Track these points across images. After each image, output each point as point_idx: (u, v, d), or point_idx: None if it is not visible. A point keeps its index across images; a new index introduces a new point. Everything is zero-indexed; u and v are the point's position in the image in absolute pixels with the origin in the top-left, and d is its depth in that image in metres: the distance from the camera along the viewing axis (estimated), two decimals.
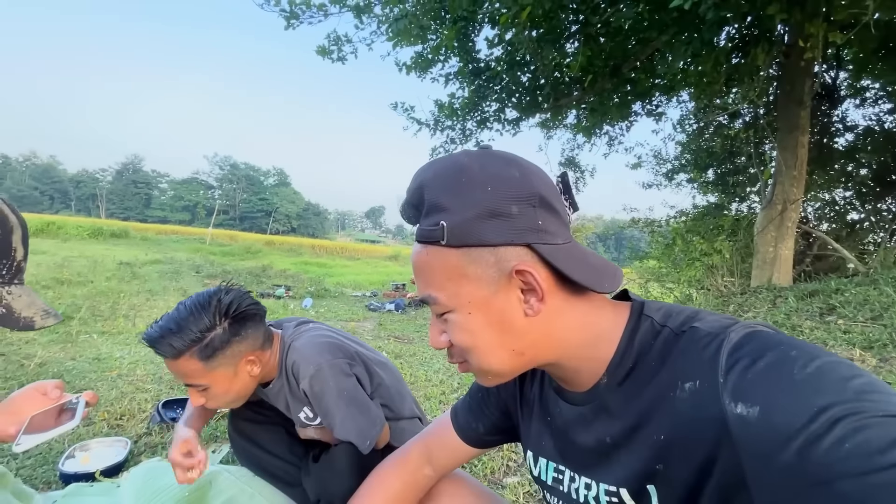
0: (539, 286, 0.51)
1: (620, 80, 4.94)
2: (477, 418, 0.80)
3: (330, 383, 1.19)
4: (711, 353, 0.47)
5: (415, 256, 0.56)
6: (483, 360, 0.56)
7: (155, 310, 4.72)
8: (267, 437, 1.53)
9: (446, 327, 0.57)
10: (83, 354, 2.92)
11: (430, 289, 0.55)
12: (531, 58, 4.47)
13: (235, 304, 1.10)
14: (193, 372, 1.06)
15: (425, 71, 5.54)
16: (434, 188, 0.53)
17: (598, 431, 0.58)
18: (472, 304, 0.53)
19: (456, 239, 0.51)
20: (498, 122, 5.93)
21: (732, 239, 6.75)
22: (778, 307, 4.15)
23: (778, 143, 5.36)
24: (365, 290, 8.43)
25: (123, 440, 1.77)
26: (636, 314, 0.57)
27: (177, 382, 2.57)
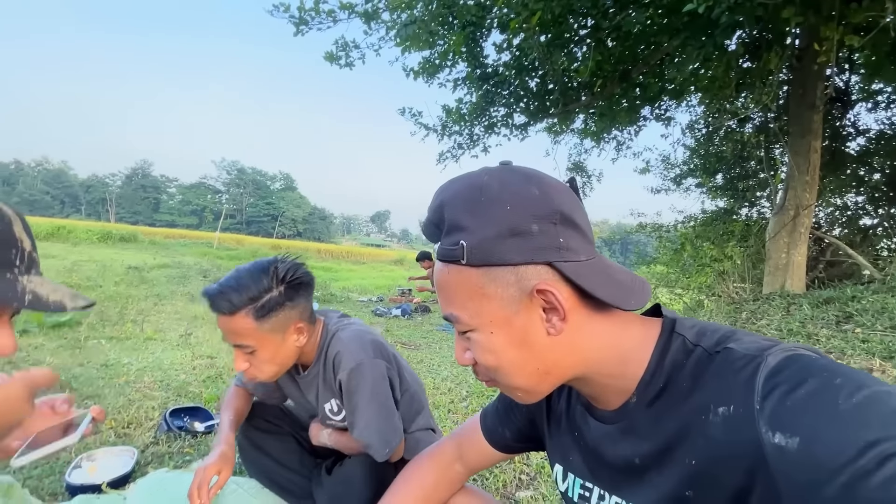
0: (560, 305, 0.50)
1: (630, 84, 4.90)
2: (504, 424, 0.80)
3: (367, 382, 1.20)
4: (747, 376, 0.45)
5: (437, 275, 0.56)
6: (509, 379, 0.55)
7: (163, 314, 4.72)
8: (278, 447, 1.51)
9: (470, 345, 0.56)
10: (91, 360, 2.91)
11: (453, 307, 0.54)
12: (540, 63, 4.45)
13: (291, 272, 1.14)
14: (245, 331, 1.08)
15: (433, 76, 5.54)
16: (454, 207, 0.52)
17: (627, 451, 0.56)
18: (494, 323, 0.52)
19: (476, 258, 0.50)
20: (506, 126, 5.91)
21: (743, 245, 6.66)
22: (792, 315, 4.07)
23: (790, 147, 5.29)
24: (371, 295, 8.41)
25: (131, 450, 1.74)
26: (667, 332, 0.55)
27: (184, 389, 2.55)
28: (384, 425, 1.21)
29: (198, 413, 2.18)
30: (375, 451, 1.19)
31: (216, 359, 3.22)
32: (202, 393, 2.51)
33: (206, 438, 1.99)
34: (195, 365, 3.03)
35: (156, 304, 5.24)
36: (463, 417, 2.45)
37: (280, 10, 4.64)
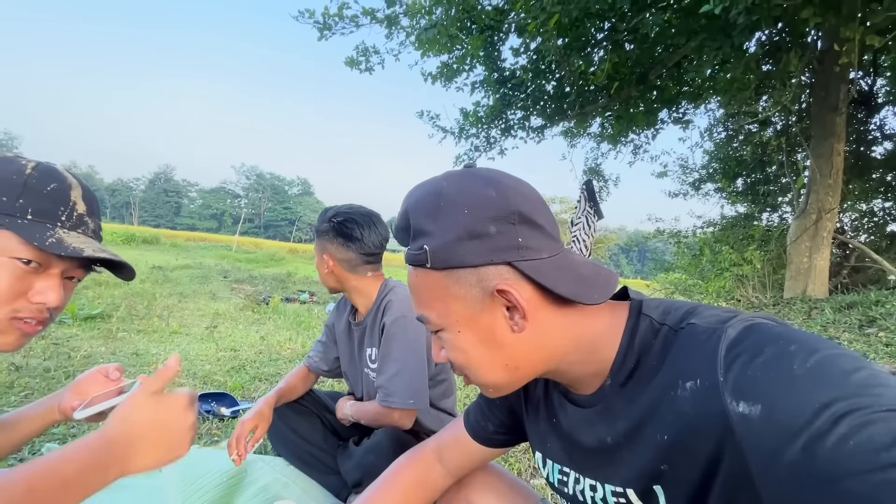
0: (520, 304, 0.51)
1: (647, 87, 4.90)
2: (486, 417, 0.81)
3: (408, 334, 1.27)
4: (710, 349, 0.46)
5: (408, 278, 0.60)
6: (479, 375, 0.58)
7: (186, 311, 4.88)
8: (304, 426, 1.60)
9: (443, 344, 0.59)
10: (122, 350, 3.05)
11: (422, 308, 0.58)
12: (557, 66, 4.49)
13: (346, 223, 1.36)
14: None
15: (451, 80, 5.62)
16: (417, 213, 0.55)
17: (600, 432, 0.58)
18: (461, 322, 0.55)
19: (439, 262, 0.52)
20: (522, 129, 5.95)
21: (764, 249, 6.55)
22: (814, 319, 4.01)
23: (812, 150, 5.22)
24: None
25: None
26: (635, 314, 0.57)
27: (209, 378, 2.65)
28: (412, 379, 1.27)
29: (224, 399, 2.27)
30: (397, 398, 1.25)
31: (239, 351, 3.32)
32: (227, 382, 2.61)
33: (232, 422, 2.07)
34: (219, 357, 3.13)
35: (179, 301, 5.41)
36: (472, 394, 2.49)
37: (305, 16, 4.79)
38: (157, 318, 4.18)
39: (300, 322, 4.79)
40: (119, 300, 4.68)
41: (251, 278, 9.04)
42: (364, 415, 1.40)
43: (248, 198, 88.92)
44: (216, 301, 5.74)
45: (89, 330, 3.45)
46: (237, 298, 6.10)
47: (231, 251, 19.08)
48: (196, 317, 4.63)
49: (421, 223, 0.54)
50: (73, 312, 3.69)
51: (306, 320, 4.90)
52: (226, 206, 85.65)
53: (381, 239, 1.40)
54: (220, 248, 20.93)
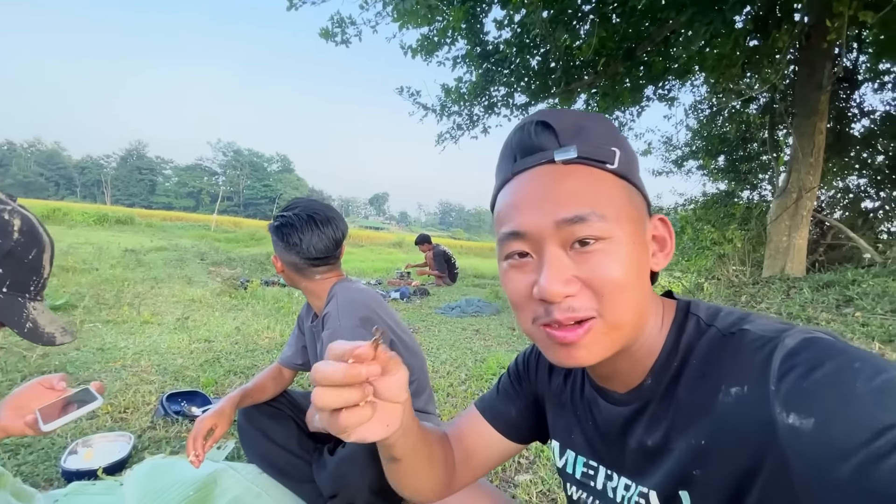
0: (671, 238, 0.54)
1: (634, 63, 4.77)
2: (509, 402, 0.76)
3: None
4: (763, 357, 0.44)
5: (566, 176, 0.48)
6: (624, 301, 0.48)
7: (160, 298, 4.69)
8: (277, 430, 1.51)
9: (585, 262, 0.47)
10: (87, 344, 2.89)
11: (595, 206, 0.47)
12: (542, 40, 4.31)
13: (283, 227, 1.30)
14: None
15: (431, 54, 5.38)
16: (599, 123, 0.52)
17: (639, 433, 0.55)
18: (635, 236, 0.49)
19: (624, 168, 0.50)
20: (506, 107, 5.78)
21: (744, 228, 6.62)
22: (792, 298, 4.06)
23: (794, 128, 5.20)
24: (369, 278, 8.38)
25: (127, 435, 1.73)
26: (682, 312, 0.55)
27: (181, 374, 2.53)
28: None
29: (195, 398, 2.17)
30: None
31: (213, 343, 3.20)
32: (199, 377, 2.49)
33: None
34: (192, 349, 3.01)
35: (153, 287, 5.20)
36: (462, 401, 2.44)
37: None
38: (127, 307, 4.00)
39: (279, 308, 4.66)
40: (86, 288, 4.46)
41: (229, 260, 8.80)
42: None
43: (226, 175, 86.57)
44: (192, 286, 5.54)
45: None
46: (214, 283, 5.91)
47: (210, 231, 18.59)
48: (170, 304, 4.45)
49: (606, 132, 0.51)
50: None
51: (286, 305, 4.77)
52: (203, 183, 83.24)
53: (329, 242, 1.31)
54: (198, 227, 20.36)
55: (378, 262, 12.49)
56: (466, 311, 5.25)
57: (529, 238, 0.49)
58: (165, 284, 5.50)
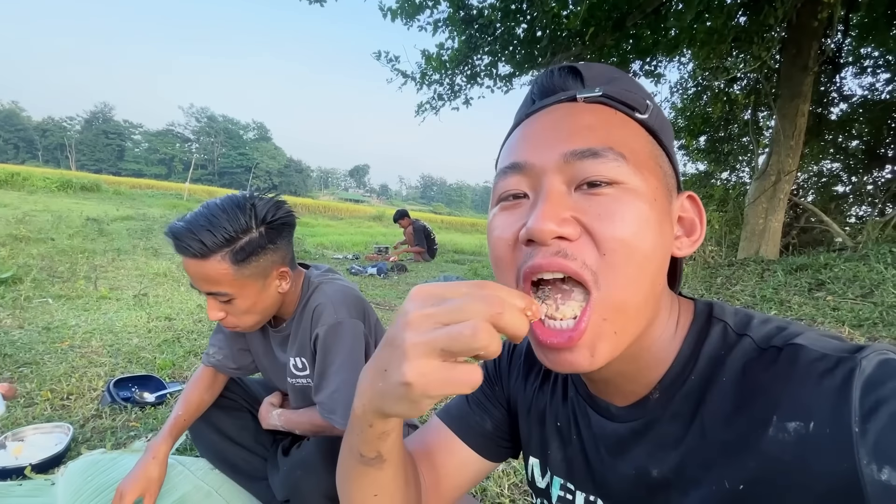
0: (701, 221, 0.45)
1: (623, 34, 4.60)
2: (483, 411, 0.63)
3: (346, 342, 1.07)
4: (836, 386, 0.34)
5: (587, 112, 0.41)
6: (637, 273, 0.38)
7: (122, 271, 4.44)
8: (230, 423, 1.38)
9: (591, 206, 0.38)
10: (33, 322, 2.68)
11: (613, 143, 0.39)
12: (529, 5, 4.09)
13: (273, 211, 1.00)
14: (221, 276, 0.93)
15: (412, 18, 5.07)
16: (630, 80, 0.46)
17: (641, 459, 0.45)
18: (658, 195, 0.40)
19: (655, 121, 0.43)
20: (489, 77, 5.54)
21: (722, 209, 6.67)
22: (766, 281, 4.11)
23: (778, 110, 5.17)
24: (347, 252, 8.20)
25: (65, 426, 1.58)
26: (703, 315, 0.45)
27: (136, 355, 2.37)
28: (353, 395, 1.08)
29: (148, 382, 2.02)
30: (339, 419, 1.07)
31: (175, 321, 3.02)
32: (156, 359, 2.34)
33: (155, 411, 1.84)
34: (151, 327, 2.83)
35: (114, 259, 4.93)
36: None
37: None
38: (83, 281, 3.76)
39: None
40: (37, 260, 4.18)
41: None
42: (297, 426, 1.20)
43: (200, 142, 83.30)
44: (158, 259, 5.29)
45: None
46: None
47: (182, 200, 17.90)
48: (132, 278, 4.22)
49: (638, 87, 0.45)
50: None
51: None
52: (175, 150, 79.98)
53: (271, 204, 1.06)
54: (169, 196, 19.64)
55: (357, 235, 12.27)
56: None
57: (529, 171, 0.40)
58: (129, 256, 5.22)
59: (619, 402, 0.48)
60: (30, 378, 1.98)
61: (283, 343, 1.19)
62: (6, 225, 6.16)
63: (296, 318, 1.13)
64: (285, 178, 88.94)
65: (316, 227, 14.63)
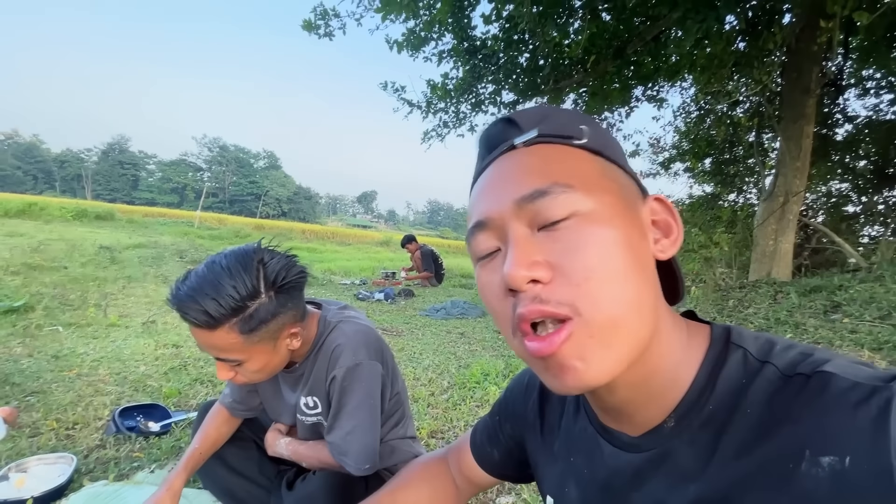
0: (676, 220, 0.44)
1: (624, 61, 4.69)
2: (493, 441, 0.69)
3: (364, 384, 1.06)
4: (872, 417, 0.32)
5: (525, 156, 0.43)
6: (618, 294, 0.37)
7: (131, 298, 4.48)
8: (234, 453, 1.35)
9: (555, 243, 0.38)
10: (42, 351, 2.69)
11: (557, 177, 0.40)
12: (531, 36, 4.20)
13: (283, 273, 0.93)
14: (230, 346, 0.89)
15: (417, 49, 5.23)
16: (562, 111, 0.46)
17: (659, 492, 0.43)
18: (616, 208, 0.40)
19: (596, 142, 0.43)
20: (493, 104, 5.66)
21: (730, 231, 6.63)
22: (779, 303, 4.03)
23: (781, 132, 5.19)
24: (354, 278, 8.21)
25: (68, 457, 1.56)
26: (721, 341, 0.43)
27: (143, 383, 2.36)
28: (368, 437, 1.07)
29: (154, 411, 2.00)
30: (351, 462, 1.05)
31: (182, 348, 3.02)
32: (162, 387, 2.32)
33: (159, 441, 1.82)
34: (158, 355, 2.83)
35: (124, 287, 4.98)
36: (443, 412, 2.32)
37: None
38: (93, 309, 3.79)
39: None
40: (50, 288, 4.23)
41: None
42: (304, 458, 1.18)
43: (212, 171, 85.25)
44: (167, 285, 5.32)
45: (6, 326, 3.06)
46: None
47: (193, 227, 18.19)
48: (141, 305, 4.25)
49: (572, 117, 0.45)
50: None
51: None
52: (187, 179, 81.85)
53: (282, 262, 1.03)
54: (181, 224, 19.94)
55: (364, 260, 12.32)
56: (451, 313, 5.14)
57: (492, 226, 0.42)
58: (139, 284, 5.28)
59: (633, 432, 0.46)
60: (36, 407, 1.97)
61: (296, 383, 1.16)
62: (21, 254, 6.28)
63: (310, 359, 1.11)
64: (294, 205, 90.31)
65: (324, 252, 14.74)
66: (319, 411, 1.14)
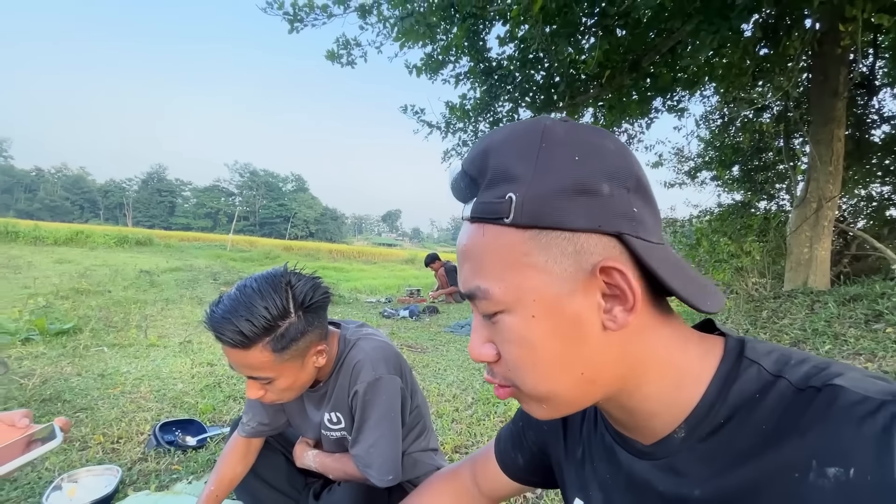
0: (632, 290, 0.39)
1: (640, 74, 4.70)
2: (517, 447, 0.70)
3: (383, 398, 1.11)
4: (876, 431, 0.33)
5: (465, 239, 0.44)
6: (540, 383, 0.42)
7: (169, 319, 4.70)
8: (264, 464, 1.41)
9: (495, 333, 0.44)
10: (89, 370, 2.87)
11: (482, 279, 0.42)
12: (545, 55, 4.28)
13: (310, 294, 1.00)
14: (262, 364, 0.96)
15: (436, 73, 5.40)
16: (504, 152, 0.41)
17: (668, 499, 0.45)
18: (538, 303, 0.40)
19: (527, 217, 0.39)
20: (511, 122, 5.74)
21: (762, 239, 6.40)
22: (817, 313, 3.87)
23: (811, 137, 5.04)
24: (380, 296, 8.34)
25: (114, 468, 1.67)
26: (734, 354, 0.43)
27: (180, 400, 2.49)
28: (389, 450, 1.11)
29: (190, 426, 2.11)
30: (375, 474, 1.09)
31: (216, 366, 3.15)
32: (198, 403, 2.44)
33: (195, 454, 1.91)
34: (194, 373, 2.97)
35: (163, 308, 5.23)
36: (467, 427, 2.33)
37: (273, 7, 4.56)
38: (134, 330, 4.01)
39: None
40: (95, 311, 4.50)
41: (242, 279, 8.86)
42: (330, 470, 1.23)
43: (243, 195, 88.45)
44: (202, 307, 5.56)
45: (57, 347, 3.27)
46: None
47: (226, 250, 18.89)
48: (178, 326, 4.45)
49: (509, 164, 0.40)
50: (43, 328, 3.51)
51: None
52: (220, 204, 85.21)
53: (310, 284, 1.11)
54: (214, 247, 20.74)
55: (390, 279, 12.47)
56: None
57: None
58: (176, 306, 5.53)
59: (645, 441, 0.48)
60: (85, 423, 2.11)
61: (319, 401, 1.21)
62: (69, 279, 6.70)
63: (332, 376, 1.16)
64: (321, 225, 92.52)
65: (350, 271, 15.01)
66: (343, 426, 1.20)
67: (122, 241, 16.64)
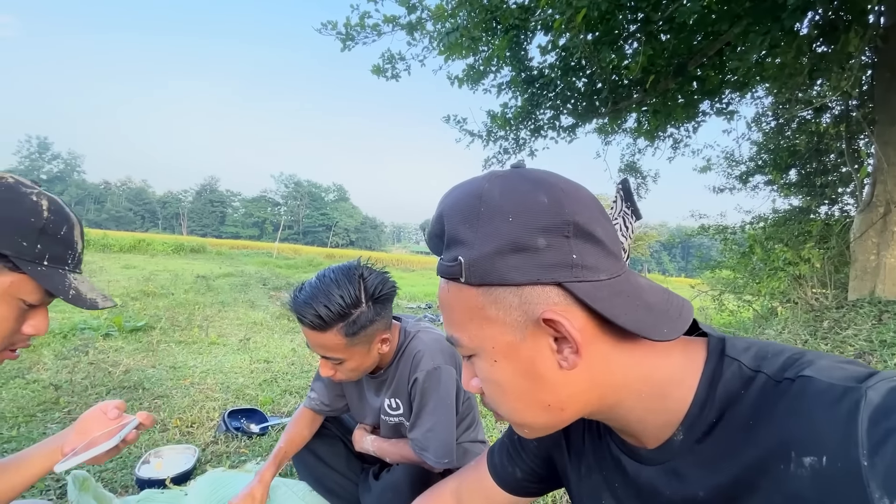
0: (572, 337, 0.42)
1: (686, 78, 4.60)
2: (514, 461, 0.72)
3: (441, 387, 1.20)
4: (842, 418, 0.35)
5: (439, 291, 0.51)
6: (514, 413, 0.50)
7: (225, 320, 5.02)
8: (326, 450, 1.54)
9: (475, 371, 0.52)
10: (162, 363, 3.15)
11: (453, 328, 0.50)
12: (587, 62, 4.29)
13: (380, 287, 1.11)
14: (335, 346, 1.09)
15: (477, 83, 5.52)
16: (452, 218, 0.46)
17: (674, 500, 0.48)
18: (497, 350, 0.46)
19: (475, 276, 0.44)
20: (553, 129, 5.75)
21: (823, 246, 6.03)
22: (885, 324, 3.62)
23: (877, 137, 4.74)
24: (419, 302, 8.48)
25: (192, 448, 1.85)
26: (716, 355, 0.47)
27: (242, 392, 2.68)
28: (445, 434, 1.20)
29: (253, 415, 2.28)
30: (432, 456, 1.18)
31: (272, 363, 3.36)
32: (258, 396, 2.62)
33: (259, 440, 2.07)
34: (252, 369, 3.18)
35: (220, 310, 5.59)
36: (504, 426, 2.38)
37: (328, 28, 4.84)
38: (197, 329, 4.32)
39: None
40: (162, 311, 4.88)
41: (289, 285, 9.27)
42: (388, 454, 1.33)
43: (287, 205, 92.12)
44: (254, 310, 5.90)
45: (133, 342, 3.60)
46: (274, 307, 6.24)
47: (272, 258, 19.78)
48: (234, 326, 4.75)
49: (457, 230, 0.45)
50: (120, 325, 3.86)
51: None
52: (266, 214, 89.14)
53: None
54: (261, 255, 21.75)
55: (429, 285, 12.63)
56: None
57: None
58: (231, 308, 5.89)
59: (649, 446, 0.50)
60: (163, 409, 2.33)
61: (380, 387, 1.32)
62: (137, 283, 7.28)
63: (393, 364, 1.27)
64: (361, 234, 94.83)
65: None
66: (402, 412, 1.29)
67: (178, 248, 17.84)
